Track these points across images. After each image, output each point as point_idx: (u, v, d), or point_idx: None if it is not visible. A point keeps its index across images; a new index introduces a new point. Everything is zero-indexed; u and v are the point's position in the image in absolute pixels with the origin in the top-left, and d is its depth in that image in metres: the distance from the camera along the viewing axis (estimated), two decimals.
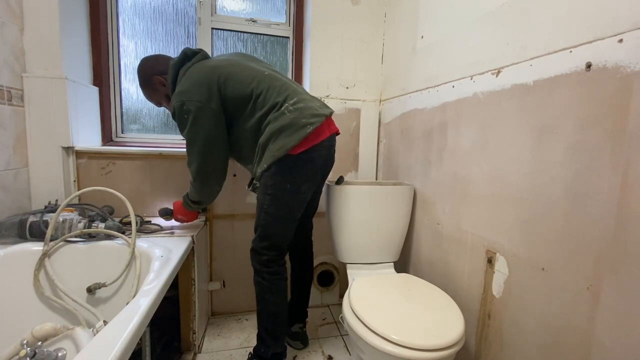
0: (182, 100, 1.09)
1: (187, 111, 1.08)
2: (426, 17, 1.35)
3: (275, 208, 1.12)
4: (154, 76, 1.22)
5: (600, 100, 0.70)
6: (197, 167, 1.15)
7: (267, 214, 1.12)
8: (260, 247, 1.16)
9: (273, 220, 1.13)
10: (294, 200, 1.13)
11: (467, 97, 1.10)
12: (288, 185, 1.09)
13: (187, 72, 1.15)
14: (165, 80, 1.22)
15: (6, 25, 1.19)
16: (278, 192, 1.10)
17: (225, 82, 1.11)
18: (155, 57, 1.27)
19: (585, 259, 0.73)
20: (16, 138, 1.25)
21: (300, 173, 1.10)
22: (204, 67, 1.15)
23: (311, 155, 1.10)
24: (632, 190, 0.64)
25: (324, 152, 1.15)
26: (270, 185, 1.10)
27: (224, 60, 1.19)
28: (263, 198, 1.13)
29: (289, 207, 1.14)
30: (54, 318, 1.10)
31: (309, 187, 1.15)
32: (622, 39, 0.66)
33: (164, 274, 0.96)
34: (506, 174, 0.94)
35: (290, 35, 1.81)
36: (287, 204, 1.12)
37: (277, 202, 1.11)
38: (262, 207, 1.13)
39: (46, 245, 1.09)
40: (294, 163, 1.08)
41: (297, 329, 1.45)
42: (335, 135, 1.23)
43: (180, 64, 1.18)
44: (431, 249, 1.33)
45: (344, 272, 1.44)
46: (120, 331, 0.69)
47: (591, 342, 0.72)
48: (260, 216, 1.15)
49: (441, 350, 0.85)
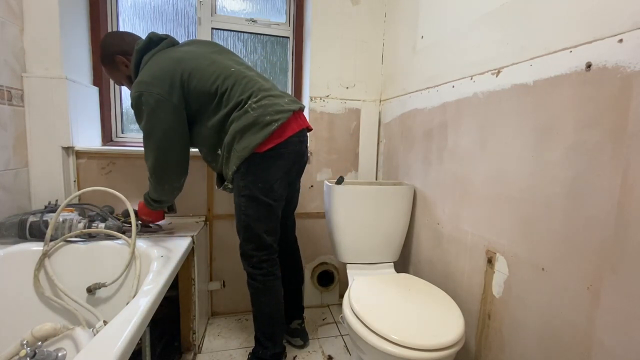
0: (140, 91, 1.05)
1: (146, 103, 1.04)
2: (426, 17, 1.35)
3: (253, 209, 1.10)
4: (117, 55, 1.17)
5: (600, 100, 0.70)
6: (153, 162, 1.11)
7: (246, 216, 1.12)
8: (248, 250, 1.16)
9: (254, 221, 1.12)
10: (269, 198, 1.11)
11: (467, 97, 1.10)
12: (260, 184, 1.08)
13: (150, 61, 1.11)
14: (128, 61, 1.17)
15: (6, 25, 1.19)
16: (252, 192, 1.09)
17: (189, 77, 1.07)
18: (121, 35, 1.22)
19: (586, 258, 0.73)
20: (16, 138, 1.25)
21: (270, 172, 1.09)
22: (168, 58, 1.10)
23: (280, 152, 1.08)
24: (632, 190, 0.64)
25: (293, 147, 1.12)
26: (242, 186, 1.09)
27: (190, 52, 1.13)
28: (239, 200, 1.12)
29: (266, 205, 1.11)
30: (54, 318, 1.10)
31: (282, 184, 1.14)
32: (622, 39, 0.66)
33: (164, 274, 0.96)
34: (506, 174, 0.94)
35: (290, 35, 1.81)
36: (263, 203, 1.10)
37: (253, 202, 1.10)
38: (240, 209, 1.12)
39: (46, 246, 1.09)
40: (263, 161, 1.06)
41: (295, 326, 1.45)
42: (307, 130, 1.20)
43: (145, 49, 1.13)
44: (431, 249, 1.33)
45: (344, 272, 1.44)
46: (120, 331, 0.69)
47: (591, 342, 0.72)
48: (240, 219, 1.14)
49: (441, 350, 0.85)
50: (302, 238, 1.76)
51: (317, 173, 1.74)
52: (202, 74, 1.08)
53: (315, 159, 1.73)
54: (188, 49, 1.17)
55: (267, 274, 1.17)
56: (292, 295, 1.44)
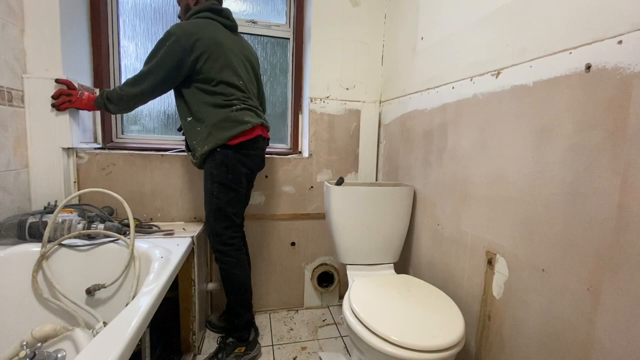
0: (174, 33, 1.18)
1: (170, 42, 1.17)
2: (426, 19, 1.35)
3: (223, 193, 1.27)
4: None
5: (599, 101, 0.70)
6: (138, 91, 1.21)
7: (218, 199, 1.27)
8: (220, 229, 1.29)
9: (224, 203, 1.28)
10: (237, 186, 1.30)
11: (467, 98, 1.10)
12: (230, 175, 1.26)
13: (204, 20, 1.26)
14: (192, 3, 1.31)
15: (7, 26, 1.19)
16: (223, 180, 1.26)
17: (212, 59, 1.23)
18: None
19: (585, 259, 0.73)
20: (16, 139, 1.25)
21: (239, 167, 1.28)
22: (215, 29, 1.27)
23: (249, 153, 1.29)
24: (631, 191, 0.64)
25: (259, 152, 1.36)
26: (215, 174, 1.26)
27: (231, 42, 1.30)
28: (211, 186, 1.27)
29: (235, 191, 1.30)
30: (53, 319, 1.09)
31: (247, 179, 1.34)
32: (621, 40, 0.66)
33: (163, 275, 0.96)
34: (506, 175, 0.94)
35: (291, 36, 1.81)
36: (232, 189, 1.28)
37: (224, 188, 1.27)
38: (212, 194, 1.27)
39: (44, 247, 1.09)
40: (235, 158, 1.26)
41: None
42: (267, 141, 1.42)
43: (206, 10, 1.28)
44: (431, 250, 1.33)
45: (344, 273, 1.44)
46: (120, 332, 0.69)
47: (591, 342, 0.72)
48: (211, 202, 1.28)
49: (441, 352, 0.85)
50: (302, 239, 1.77)
51: (317, 174, 1.74)
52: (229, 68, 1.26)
53: (315, 160, 1.73)
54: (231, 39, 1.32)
55: (237, 249, 1.33)
56: None
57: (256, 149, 1.33)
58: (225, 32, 1.31)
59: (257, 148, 1.34)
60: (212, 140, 1.23)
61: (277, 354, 1.43)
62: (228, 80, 1.25)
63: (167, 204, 1.55)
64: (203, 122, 1.25)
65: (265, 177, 1.67)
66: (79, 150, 1.42)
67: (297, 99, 1.83)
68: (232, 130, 1.23)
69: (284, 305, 1.80)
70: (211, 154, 1.26)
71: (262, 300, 1.76)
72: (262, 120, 1.33)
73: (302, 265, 1.79)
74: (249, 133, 1.27)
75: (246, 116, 1.27)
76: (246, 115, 1.27)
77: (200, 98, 1.25)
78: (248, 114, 1.28)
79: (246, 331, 1.36)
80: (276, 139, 1.88)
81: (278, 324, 1.66)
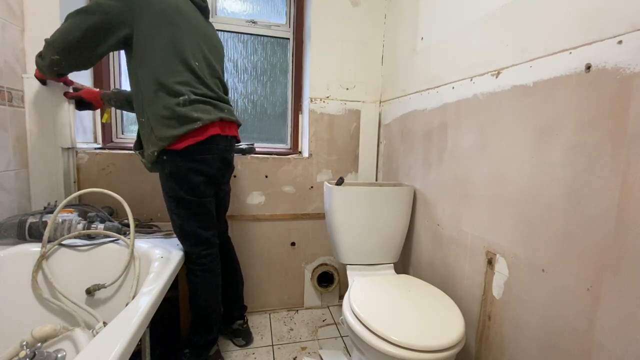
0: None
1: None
2: (426, 19, 1.35)
3: (183, 208, 1.12)
4: None
5: (599, 101, 0.70)
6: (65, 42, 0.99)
7: (177, 216, 1.13)
8: (187, 247, 1.17)
9: (185, 220, 1.13)
10: (196, 196, 1.11)
11: (467, 98, 1.10)
12: (185, 187, 1.09)
13: None
14: None
15: (7, 27, 1.19)
16: (177, 194, 1.10)
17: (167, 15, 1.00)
18: None
19: (586, 260, 0.73)
20: (16, 139, 1.25)
21: (193, 177, 1.08)
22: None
23: (204, 157, 1.08)
24: (632, 192, 0.64)
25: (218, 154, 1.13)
26: (169, 188, 1.10)
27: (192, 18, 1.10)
28: (168, 201, 1.13)
29: (195, 203, 1.12)
30: (53, 320, 1.09)
31: (207, 186, 1.14)
32: (621, 40, 0.66)
33: (163, 275, 0.96)
34: (506, 175, 0.94)
35: (291, 36, 1.81)
36: (191, 202, 1.11)
37: (181, 202, 1.11)
38: (171, 210, 1.13)
39: (44, 247, 1.09)
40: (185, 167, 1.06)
41: (237, 326, 1.47)
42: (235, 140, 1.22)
43: None
44: (431, 250, 1.33)
45: (344, 273, 1.44)
46: (120, 332, 0.69)
47: (591, 343, 0.72)
48: (173, 219, 1.15)
49: (441, 352, 0.85)
50: (302, 239, 1.77)
51: (317, 174, 1.74)
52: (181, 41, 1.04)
53: (315, 160, 1.73)
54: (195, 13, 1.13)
55: (205, 270, 1.19)
56: (232, 295, 1.45)
57: (212, 151, 1.10)
58: (188, 6, 1.10)
59: (214, 150, 1.11)
60: (154, 140, 1.02)
61: (277, 354, 1.43)
62: (178, 56, 1.02)
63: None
64: (144, 113, 1.03)
65: (265, 177, 1.67)
66: (79, 150, 1.42)
67: (297, 99, 1.83)
68: (177, 129, 1.00)
69: (284, 305, 1.80)
70: (158, 160, 1.06)
71: (262, 300, 1.76)
72: (222, 115, 1.10)
73: (302, 265, 1.79)
74: (199, 133, 1.04)
75: (196, 111, 1.02)
76: (196, 110, 1.02)
77: (144, 75, 1.01)
78: (199, 108, 1.03)
79: (205, 350, 1.25)
80: (276, 139, 1.88)
81: (278, 324, 1.66)
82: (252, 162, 1.65)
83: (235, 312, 1.47)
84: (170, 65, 1.02)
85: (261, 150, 1.73)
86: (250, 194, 1.66)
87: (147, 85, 1.02)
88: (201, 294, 1.21)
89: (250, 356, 1.41)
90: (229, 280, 1.42)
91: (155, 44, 1.01)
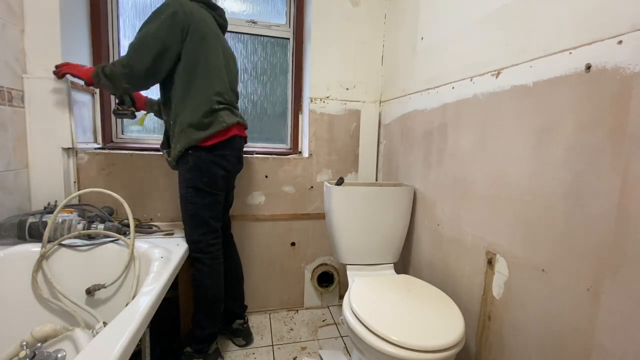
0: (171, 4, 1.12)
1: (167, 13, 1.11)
2: (426, 19, 1.35)
3: (199, 198, 1.22)
4: None
5: (600, 101, 0.70)
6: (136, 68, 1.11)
7: (193, 204, 1.22)
8: (197, 235, 1.23)
9: (200, 208, 1.22)
10: (213, 189, 1.24)
11: (467, 98, 1.10)
12: (205, 178, 1.21)
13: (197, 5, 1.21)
14: None
15: (7, 27, 1.19)
16: (197, 184, 1.20)
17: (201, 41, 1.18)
18: None
19: (586, 260, 0.73)
20: (16, 139, 1.25)
21: (214, 170, 1.22)
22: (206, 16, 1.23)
23: (224, 154, 1.23)
24: (632, 192, 0.64)
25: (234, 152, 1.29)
26: (189, 179, 1.20)
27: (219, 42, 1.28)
28: (185, 192, 1.22)
29: (211, 195, 1.24)
30: (53, 319, 1.10)
31: (223, 180, 1.27)
32: (621, 40, 0.66)
33: (163, 275, 0.96)
34: (506, 175, 0.94)
35: (291, 36, 1.81)
36: (208, 193, 1.23)
37: (199, 192, 1.21)
38: (187, 199, 1.22)
39: (44, 248, 1.09)
40: (208, 160, 1.20)
41: (237, 326, 1.47)
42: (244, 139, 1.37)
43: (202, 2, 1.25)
44: (431, 250, 1.33)
45: (344, 273, 1.44)
46: (120, 332, 0.69)
47: (591, 343, 0.72)
48: (187, 208, 1.23)
49: (441, 352, 0.85)
50: (302, 239, 1.77)
51: (317, 174, 1.74)
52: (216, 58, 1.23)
53: (315, 160, 1.73)
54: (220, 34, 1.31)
55: (214, 257, 1.27)
56: (233, 293, 1.45)
57: (232, 149, 1.27)
58: (216, 27, 1.28)
59: (233, 148, 1.28)
60: (183, 139, 1.17)
61: (277, 354, 1.43)
62: (214, 70, 1.20)
63: (167, 204, 1.55)
64: (177, 117, 1.18)
65: (265, 177, 1.67)
66: (79, 150, 1.42)
67: (297, 99, 1.83)
68: (207, 130, 1.17)
69: (284, 305, 1.80)
70: (183, 155, 1.19)
71: (262, 300, 1.76)
72: (239, 119, 1.28)
73: (302, 265, 1.79)
74: (224, 134, 1.21)
75: (222, 116, 1.21)
76: (222, 115, 1.21)
77: (179, 88, 1.17)
78: (225, 113, 1.22)
79: (206, 344, 1.28)
80: (276, 139, 1.88)
81: (278, 324, 1.66)
82: (253, 162, 1.65)
83: (237, 310, 1.47)
84: (206, 78, 1.20)
85: (261, 150, 1.73)
86: (251, 194, 1.66)
87: (184, 92, 1.18)
88: (208, 283, 1.25)
89: (250, 356, 1.41)
90: (230, 276, 1.42)
91: (194, 60, 1.17)
